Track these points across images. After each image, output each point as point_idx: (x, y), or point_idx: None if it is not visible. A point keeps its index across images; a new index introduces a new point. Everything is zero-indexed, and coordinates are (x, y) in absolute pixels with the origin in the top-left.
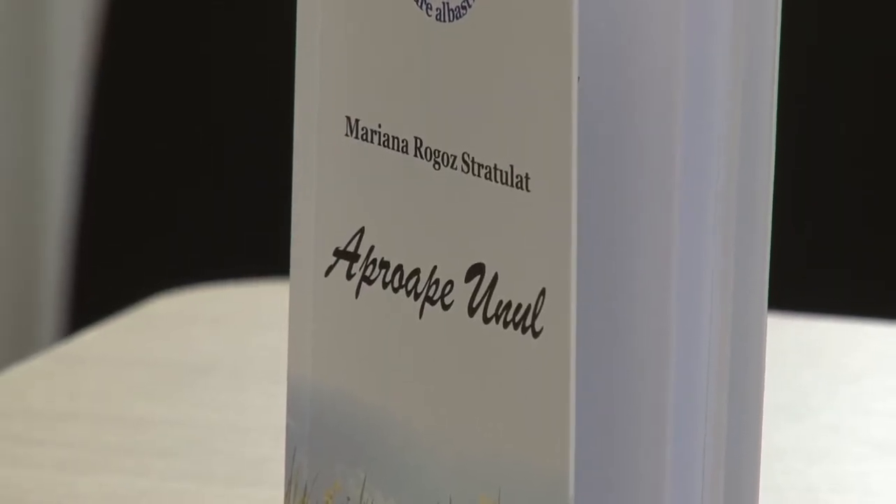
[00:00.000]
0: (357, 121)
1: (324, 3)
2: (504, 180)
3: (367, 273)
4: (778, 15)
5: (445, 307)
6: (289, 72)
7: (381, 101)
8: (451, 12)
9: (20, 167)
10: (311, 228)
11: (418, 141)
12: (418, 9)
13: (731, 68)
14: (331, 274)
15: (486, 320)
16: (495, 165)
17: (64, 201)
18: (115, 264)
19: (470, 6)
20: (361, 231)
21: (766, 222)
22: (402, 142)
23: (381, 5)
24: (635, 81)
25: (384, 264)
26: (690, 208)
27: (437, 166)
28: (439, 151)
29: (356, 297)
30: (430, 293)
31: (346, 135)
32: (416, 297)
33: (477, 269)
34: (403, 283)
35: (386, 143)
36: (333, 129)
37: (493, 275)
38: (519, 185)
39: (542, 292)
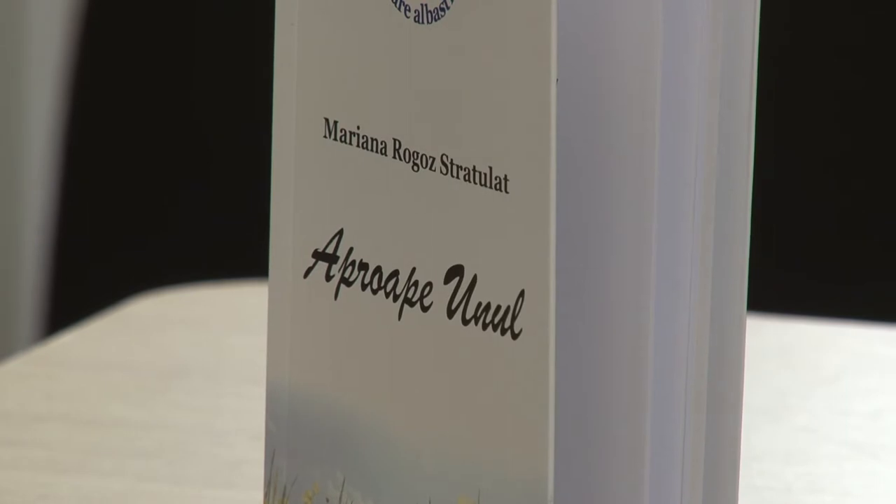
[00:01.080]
0: (335, 122)
1: (302, 4)
2: (483, 182)
3: (346, 275)
4: (756, 16)
5: (424, 309)
6: (270, 72)
7: (359, 102)
8: (429, 14)
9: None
10: (290, 230)
11: (397, 143)
12: (397, 10)
13: (709, 71)
14: (310, 275)
15: (466, 322)
16: (474, 167)
17: (41, 203)
18: (93, 266)
19: (448, 8)
20: (340, 233)
21: (745, 225)
22: (381, 143)
23: (359, 7)
24: (614, 83)
25: (363, 266)
26: (669, 211)
27: (415, 168)
28: (418, 153)
29: (335, 298)
30: (410, 295)
31: (325, 136)
32: (396, 298)
33: (456, 271)
34: (382, 284)
35: (364, 145)
36: (312, 130)
37: (472, 276)
38: (498, 186)
39: (522, 294)
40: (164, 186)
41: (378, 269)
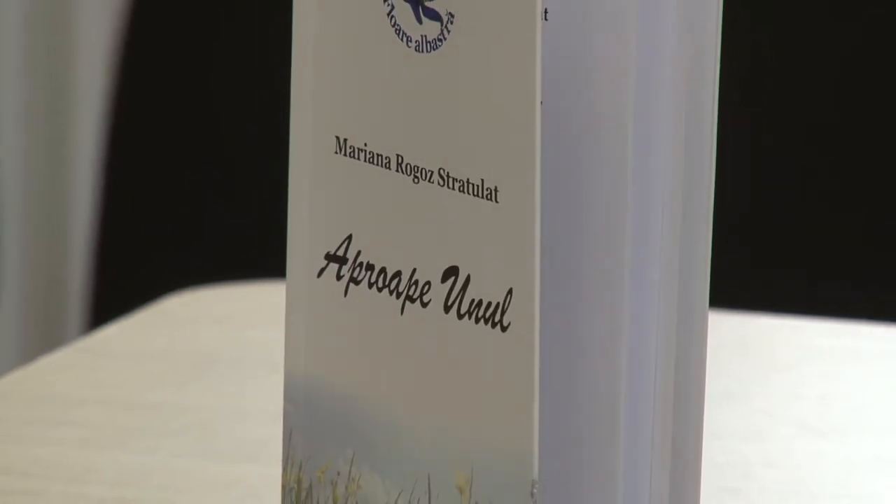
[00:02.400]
0: (345, 140)
1: (317, 36)
2: (476, 192)
3: (355, 275)
4: (718, 39)
5: (424, 305)
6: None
7: (366, 122)
8: (428, 44)
9: (49, 176)
10: (305, 235)
11: (399, 158)
12: (399, 41)
13: (675, 100)
14: (322, 275)
15: (460, 316)
16: (468, 179)
17: (88, 212)
18: (133, 267)
19: (445, 39)
20: (349, 237)
21: (707, 230)
22: (385, 158)
23: (367, 37)
24: (591, 107)
25: (369, 267)
26: (640, 218)
27: (416, 180)
28: (418, 167)
29: (345, 295)
30: (410, 292)
31: (336, 152)
32: (398, 295)
33: (452, 271)
34: (387, 283)
35: (371, 160)
36: (324, 147)
37: (465, 276)
38: (489, 196)
39: (510, 292)
40: (195, 197)
41: (383, 270)
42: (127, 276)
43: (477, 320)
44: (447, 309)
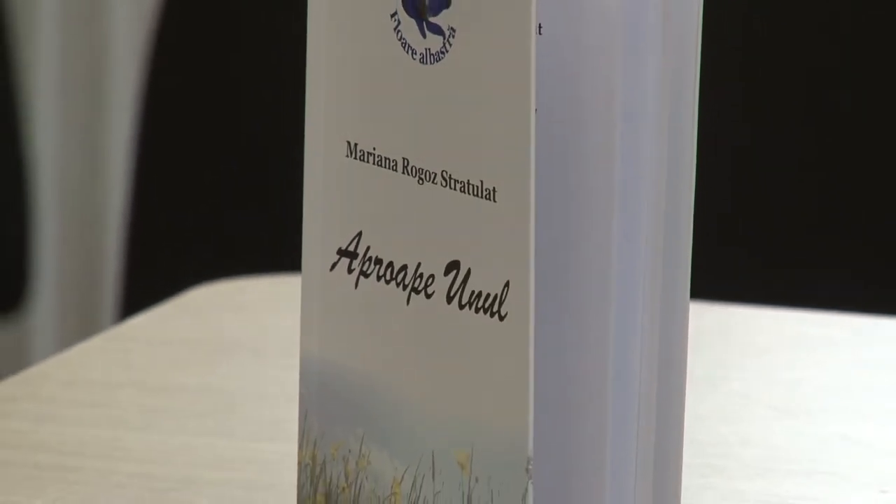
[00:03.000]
0: (356, 144)
1: (329, 49)
2: (475, 193)
3: (364, 268)
4: (698, 55)
5: (428, 296)
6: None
7: (375, 128)
8: (431, 56)
9: (82, 175)
10: (319, 232)
11: (405, 161)
12: (405, 53)
13: (658, 108)
14: (335, 269)
15: (461, 307)
16: (468, 181)
17: (120, 210)
18: (161, 261)
19: (447, 52)
20: (359, 234)
21: (688, 227)
22: (393, 161)
23: (375, 50)
24: (582, 112)
25: (378, 261)
26: (627, 216)
27: (420, 181)
28: (423, 169)
29: (355, 287)
30: (416, 285)
31: (347, 156)
32: (405, 287)
33: (453, 265)
34: (394, 276)
35: (379, 163)
36: (336, 151)
37: (466, 269)
38: (487, 196)
39: (507, 284)
40: (218, 196)
41: (390, 264)
42: (155, 269)
43: (476, 311)
44: (449, 300)
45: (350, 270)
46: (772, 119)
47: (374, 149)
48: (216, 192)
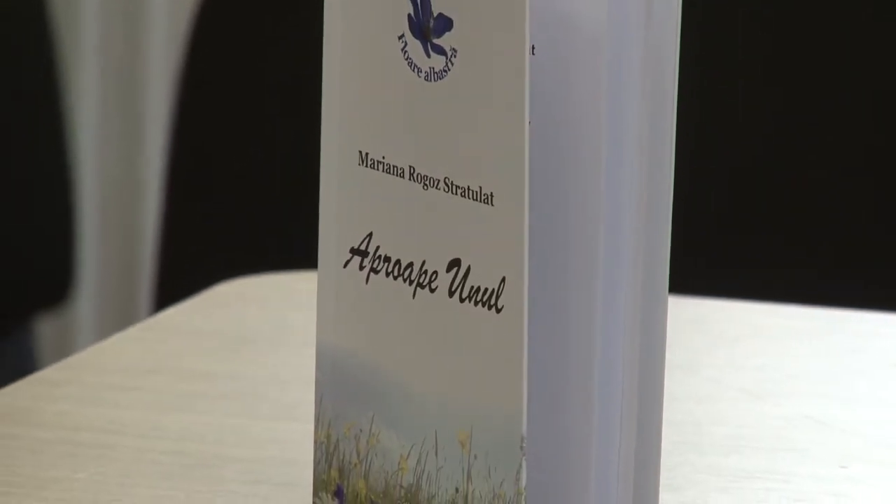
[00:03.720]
0: (367, 154)
1: (342, 66)
2: (475, 198)
3: (375, 265)
4: (676, 73)
5: (432, 291)
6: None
7: (384, 139)
8: (435, 74)
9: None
10: (333, 233)
11: (412, 168)
12: (412, 72)
13: (639, 120)
14: (348, 266)
15: (462, 300)
16: (468, 187)
17: (156, 210)
18: (192, 258)
19: (449, 70)
20: (370, 235)
21: (667, 229)
22: (400, 169)
23: (384, 68)
24: (571, 124)
25: (387, 259)
26: (612, 219)
27: (425, 187)
28: (427, 176)
29: (366, 283)
30: (421, 280)
31: (359, 164)
32: (411, 283)
33: (455, 263)
34: (401, 272)
35: (388, 171)
36: (349, 159)
37: (466, 267)
38: (486, 201)
39: (503, 280)
40: (245, 200)
41: (398, 261)
42: (186, 266)
43: (476, 304)
44: (451, 294)
45: (361, 267)
46: (734, 123)
47: (384, 157)
48: (242, 196)
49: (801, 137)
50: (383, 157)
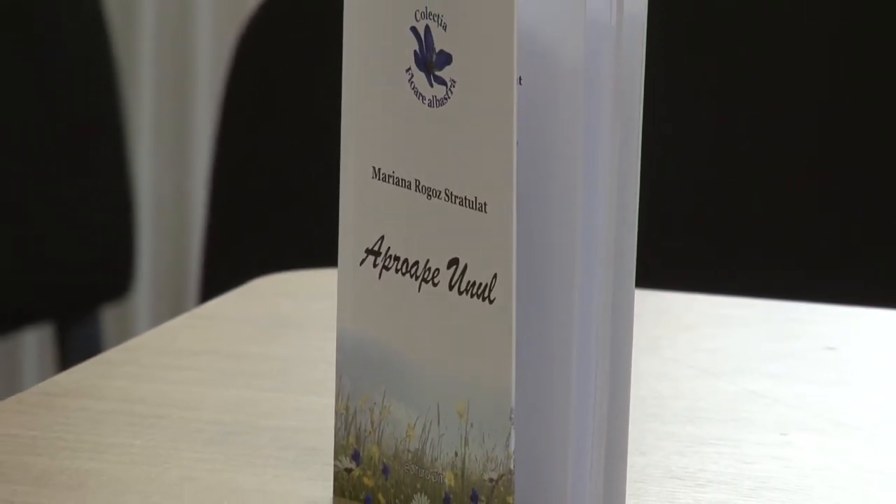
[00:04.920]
0: (379, 168)
1: (358, 94)
2: (471, 206)
3: (386, 263)
4: (641, 97)
5: (434, 285)
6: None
7: (394, 156)
8: (437, 101)
9: (174, 189)
10: (351, 236)
11: (417, 181)
12: (417, 99)
13: (611, 139)
14: (363, 264)
15: (460, 293)
16: (465, 196)
17: (202, 217)
18: (233, 256)
19: (449, 98)
20: (382, 237)
21: (634, 232)
22: (407, 182)
23: (394, 96)
24: (552, 144)
25: (396, 258)
26: (587, 225)
27: (429, 197)
28: (430, 188)
29: (379, 278)
30: (425, 276)
31: (373, 178)
32: (417, 278)
33: (454, 261)
34: (408, 269)
35: (397, 183)
36: (364, 173)
37: (464, 265)
38: (480, 209)
39: (495, 276)
40: (277, 207)
41: (406, 260)
42: (228, 263)
43: (472, 296)
44: (451, 288)
45: (375, 265)
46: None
47: (393, 172)
48: (274, 204)
49: (742, 146)
50: (393, 172)
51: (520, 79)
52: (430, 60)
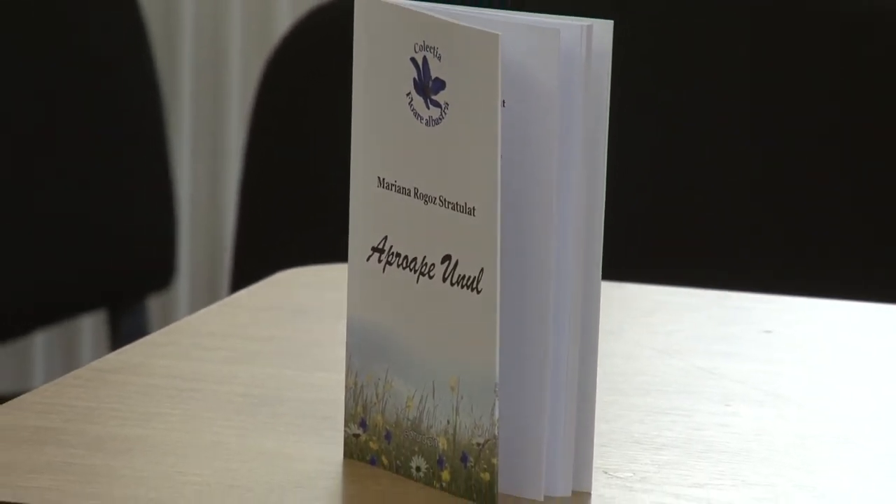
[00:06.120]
0: (383, 178)
1: (364, 115)
2: (461, 210)
3: (389, 259)
4: (606, 118)
5: (430, 278)
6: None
7: (396, 167)
8: (433, 121)
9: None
10: (359, 235)
11: (416, 189)
12: (415, 119)
13: (580, 156)
14: (369, 260)
15: (452, 285)
16: (457, 202)
17: (233, 219)
18: (259, 254)
19: (443, 118)
20: (385, 237)
21: (600, 232)
22: (407, 189)
23: (396, 116)
24: (531, 158)
25: (398, 254)
26: (561, 226)
27: (426, 202)
28: (427, 194)
29: (383, 272)
30: (423, 270)
31: (378, 186)
32: (415, 272)
33: (447, 258)
34: (408, 264)
35: (398, 191)
36: (371, 183)
37: (455, 260)
38: (469, 213)
39: (482, 270)
40: (298, 212)
41: (406, 256)
42: (255, 259)
43: (462, 287)
44: (444, 280)
45: (380, 261)
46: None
47: (395, 181)
48: (295, 208)
49: (680, 151)
50: (395, 181)
51: (503, 102)
52: (427, 86)
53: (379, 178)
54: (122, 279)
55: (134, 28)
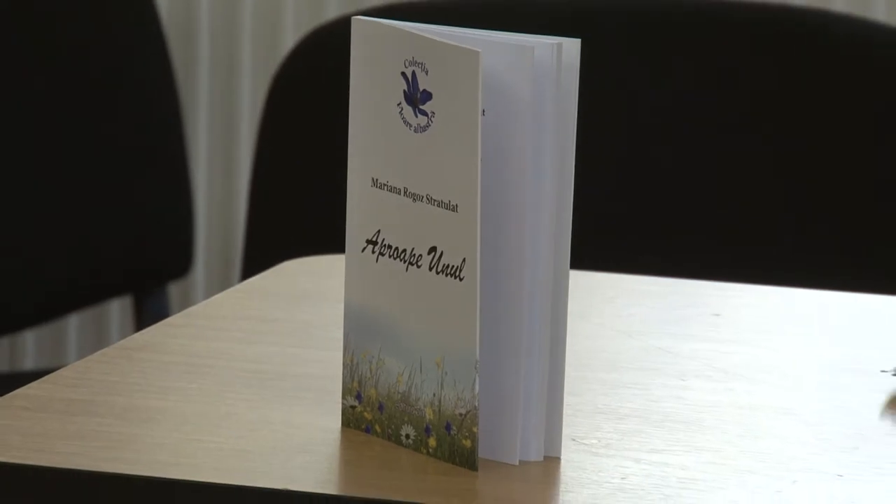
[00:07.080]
0: (377, 178)
1: (361, 122)
2: (445, 207)
3: (381, 251)
4: (573, 127)
5: (418, 267)
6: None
7: (388, 169)
8: (420, 129)
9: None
10: (356, 229)
11: (405, 188)
12: (405, 126)
13: (551, 159)
14: (364, 251)
15: (437, 273)
16: (441, 200)
17: (244, 213)
18: (268, 246)
19: (430, 126)
20: (378, 231)
21: (569, 226)
22: (398, 189)
23: (387, 123)
24: (507, 161)
25: (389, 247)
26: (533, 220)
27: (414, 200)
28: (415, 193)
29: (376, 262)
30: (412, 260)
31: (372, 186)
32: (405, 262)
33: (433, 249)
34: (399, 255)
35: (390, 190)
36: (366, 183)
37: (440, 251)
38: (452, 209)
39: (464, 260)
40: (302, 209)
41: (396, 248)
42: (264, 249)
43: (447, 275)
44: (430, 269)
45: (373, 252)
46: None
47: (387, 181)
48: (299, 204)
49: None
50: (387, 181)
51: (483, 111)
52: (416, 97)
53: (373, 178)
54: (145, 268)
55: (153, 35)
